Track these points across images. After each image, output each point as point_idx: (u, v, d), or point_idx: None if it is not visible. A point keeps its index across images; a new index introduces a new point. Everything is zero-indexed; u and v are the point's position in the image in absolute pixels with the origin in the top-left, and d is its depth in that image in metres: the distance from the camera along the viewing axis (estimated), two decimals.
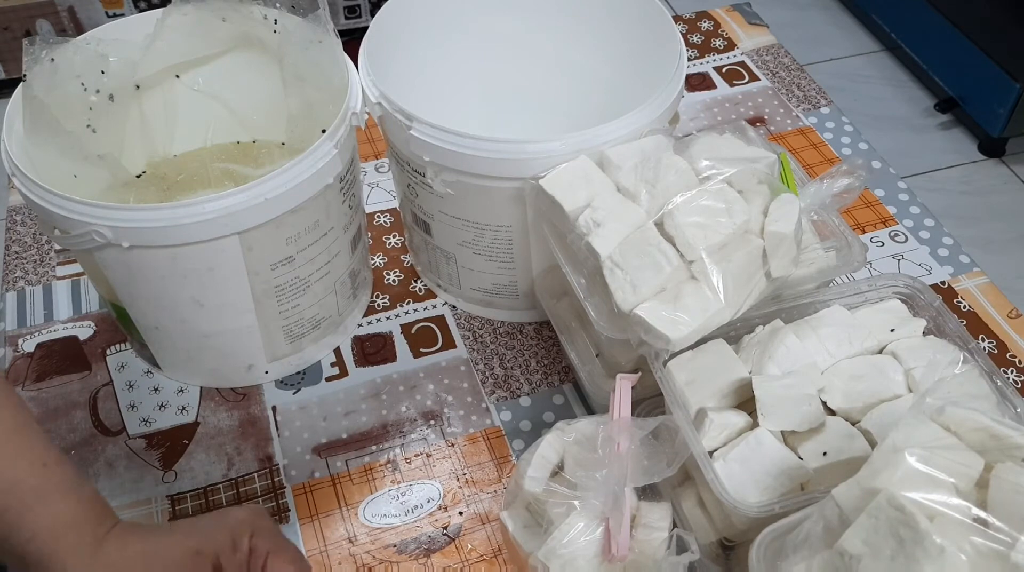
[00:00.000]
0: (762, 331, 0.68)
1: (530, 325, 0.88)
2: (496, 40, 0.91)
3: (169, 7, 0.78)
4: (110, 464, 0.77)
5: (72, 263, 0.92)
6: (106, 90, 0.77)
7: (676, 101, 0.76)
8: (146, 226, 0.65)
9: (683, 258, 0.63)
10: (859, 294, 0.72)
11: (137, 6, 2.06)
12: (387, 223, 0.98)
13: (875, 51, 2.31)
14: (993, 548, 0.43)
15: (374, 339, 0.87)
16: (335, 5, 2.11)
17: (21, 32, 2.00)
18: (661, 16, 0.82)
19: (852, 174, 0.68)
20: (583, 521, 0.61)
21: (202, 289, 0.71)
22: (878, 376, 0.65)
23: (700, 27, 1.22)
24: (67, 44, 0.74)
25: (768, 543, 0.52)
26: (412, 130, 0.72)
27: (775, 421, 0.62)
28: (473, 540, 0.72)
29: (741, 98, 1.12)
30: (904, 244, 0.95)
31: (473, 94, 0.93)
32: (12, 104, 0.72)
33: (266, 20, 0.79)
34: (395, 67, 0.82)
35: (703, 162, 0.68)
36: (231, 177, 0.83)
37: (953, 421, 0.49)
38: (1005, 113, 1.92)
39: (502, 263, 0.81)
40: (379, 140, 1.07)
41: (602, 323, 0.65)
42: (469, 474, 0.77)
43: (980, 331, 0.87)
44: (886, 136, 2.06)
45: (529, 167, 0.71)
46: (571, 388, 0.83)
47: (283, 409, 0.81)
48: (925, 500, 0.44)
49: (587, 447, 0.62)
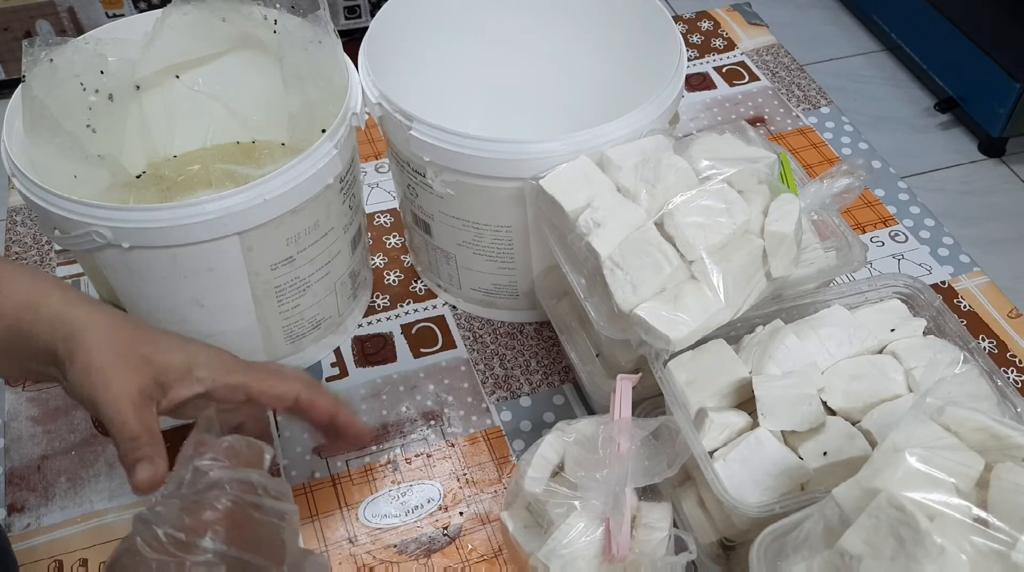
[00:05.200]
0: (762, 331, 0.68)
1: (530, 325, 0.88)
2: (496, 40, 0.91)
3: (169, 7, 0.78)
4: (110, 464, 0.77)
5: (72, 263, 0.92)
6: (105, 90, 0.77)
7: (676, 101, 0.76)
8: (146, 226, 0.65)
9: (683, 258, 0.63)
10: (859, 294, 0.72)
11: (137, 6, 2.06)
12: (387, 223, 0.98)
13: (875, 51, 2.31)
14: (993, 548, 0.43)
15: (374, 339, 0.87)
16: (335, 5, 2.11)
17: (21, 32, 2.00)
18: (661, 16, 0.82)
19: (852, 174, 0.68)
20: (583, 521, 0.61)
21: (202, 289, 0.71)
22: (878, 376, 0.65)
23: (700, 27, 1.22)
24: (66, 44, 0.74)
25: (768, 543, 0.52)
26: (412, 130, 0.72)
27: (775, 421, 0.62)
28: (473, 540, 0.72)
29: (741, 98, 1.12)
30: (904, 244, 0.95)
31: (473, 94, 0.93)
32: (12, 104, 0.72)
33: (266, 20, 0.79)
34: (395, 67, 0.82)
35: (703, 162, 0.68)
36: (231, 177, 0.83)
37: (953, 421, 0.49)
38: (1005, 113, 1.93)
39: (502, 263, 0.81)
40: (379, 140, 1.07)
41: (602, 323, 0.65)
42: (469, 474, 0.77)
43: (980, 331, 0.87)
44: (886, 136, 2.06)
45: (529, 167, 0.71)
46: (571, 388, 0.83)
47: None
48: (925, 500, 0.44)
49: (587, 447, 0.62)
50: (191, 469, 0.50)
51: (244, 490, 0.50)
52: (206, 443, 0.52)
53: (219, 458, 0.51)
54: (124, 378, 0.53)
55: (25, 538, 0.72)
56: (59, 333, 0.54)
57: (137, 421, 0.53)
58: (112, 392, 0.53)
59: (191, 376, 0.56)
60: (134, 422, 0.53)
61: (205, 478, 0.50)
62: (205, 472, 0.50)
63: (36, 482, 0.76)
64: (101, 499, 0.75)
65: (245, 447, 0.53)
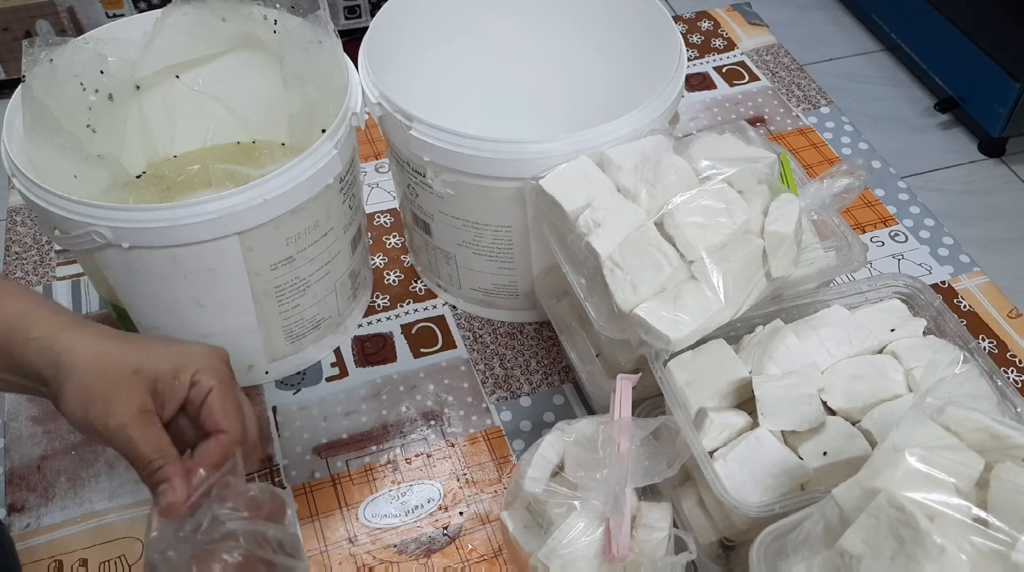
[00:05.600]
0: (762, 331, 0.68)
1: (530, 325, 0.88)
2: (496, 40, 0.91)
3: (169, 7, 0.78)
4: (110, 465, 0.77)
5: (72, 263, 0.92)
6: (105, 90, 0.77)
7: (676, 101, 0.76)
8: (146, 226, 0.65)
9: (683, 258, 0.63)
10: (859, 294, 0.72)
11: (137, 6, 2.06)
12: (387, 223, 0.98)
13: (875, 51, 2.31)
14: (993, 548, 0.43)
15: (374, 339, 0.87)
16: (335, 5, 2.11)
17: (21, 32, 2.00)
18: (661, 16, 0.82)
19: (852, 174, 0.68)
20: (583, 521, 0.61)
21: (202, 289, 0.71)
22: (878, 376, 0.65)
23: (700, 27, 1.22)
24: (66, 44, 0.74)
25: (768, 543, 0.52)
26: (412, 130, 0.72)
27: (775, 421, 0.62)
28: (473, 540, 0.72)
29: (741, 98, 1.12)
30: (904, 244, 0.95)
31: (473, 94, 0.93)
32: (12, 104, 0.72)
33: (266, 20, 0.79)
34: (395, 67, 0.82)
35: (703, 162, 0.68)
36: (231, 177, 0.83)
37: (953, 421, 0.49)
38: (1005, 113, 1.92)
39: (502, 263, 0.81)
40: (379, 140, 1.07)
41: (602, 323, 0.65)
42: (469, 474, 0.77)
43: (980, 331, 0.87)
44: (886, 136, 2.06)
45: (529, 167, 0.71)
46: (571, 388, 0.83)
47: (283, 409, 0.81)
48: (925, 500, 0.44)
49: (587, 447, 0.62)
50: (209, 517, 0.51)
51: (258, 544, 0.50)
52: (230, 487, 0.52)
53: (239, 508, 0.51)
54: (122, 402, 0.52)
55: (25, 538, 0.72)
56: (47, 360, 0.53)
57: (146, 443, 0.52)
58: (114, 422, 0.52)
59: (179, 380, 0.55)
60: (144, 445, 0.52)
61: (221, 528, 0.50)
62: (222, 521, 0.51)
63: (36, 482, 0.76)
64: (101, 499, 0.75)
65: (268, 499, 0.53)
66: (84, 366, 0.53)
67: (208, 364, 0.56)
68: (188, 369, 0.55)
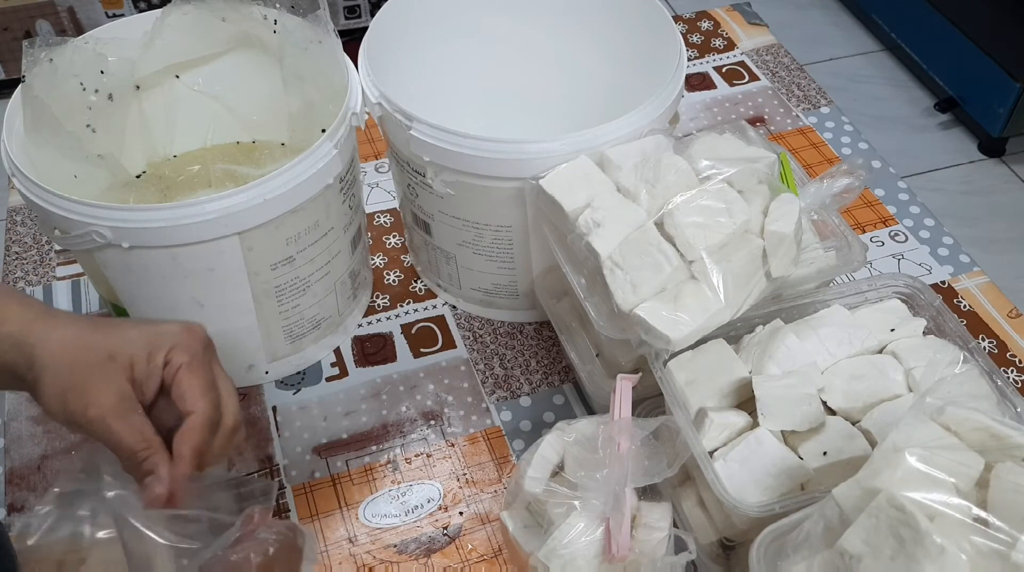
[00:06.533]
0: (762, 331, 0.68)
1: (530, 325, 0.88)
2: (496, 40, 0.91)
3: (169, 7, 0.78)
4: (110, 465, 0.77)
5: (72, 263, 0.92)
6: (105, 90, 0.77)
7: (676, 101, 0.76)
8: (146, 226, 0.65)
9: (683, 258, 0.63)
10: (859, 294, 0.72)
11: (137, 6, 2.05)
12: (387, 223, 0.98)
13: (875, 51, 2.31)
14: (993, 548, 0.43)
15: (374, 339, 0.87)
16: (335, 5, 2.11)
17: (21, 32, 2.00)
18: (661, 16, 0.82)
19: (852, 174, 0.68)
20: (583, 521, 0.61)
21: (202, 289, 0.71)
22: (878, 376, 0.65)
23: (700, 27, 1.22)
24: (66, 44, 0.74)
25: (768, 543, 0.52)
26: (412, 130, 0.72)
27: (775, 421, 0.62)
28: (473, 540, 0.72)
29: (741, 98, 1.12)
30: (904, 244, 0.95)
31: (473, 94, 0.93)
32: (12, 104, 0.72)
33: (266, 20, 0.79)
34: (395, 67, 0.82)
35: (703, 162, 0.68)
36: (231, 177, 0.83)
37: (953, 421, 0.49)
38: (1005, 113, 1.92)
39: (502, 263, 0.81)
40: (379, 140, 1.07)
41: (602, 323, 0.65)
42: (469, 474, 0.77)
43: (980, 331, 0.87)
44: (886, 136, 2.06)
45: (529, 167, 0.71)
46: (571, 388, 0.83)
47: (283, 409, 0.81)
48: (925, 500, 0.44)
49: (587, 447, 0.62)
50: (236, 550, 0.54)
51: None
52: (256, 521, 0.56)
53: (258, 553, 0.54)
54: (99, 391, 0.51)
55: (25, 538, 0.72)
56: (21, 354, 0.52)
57: (128, 433, 0.51)
58: (93, 412, 0.51)
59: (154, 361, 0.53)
60: (126, 435, 0.51)
61: None
62: None
63: (36, 482, 0.76)
64: None
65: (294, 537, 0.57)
66: (58, 357, 0.51)
67: (181, 341, 0.54)
68: (162, 348, 0.53)
